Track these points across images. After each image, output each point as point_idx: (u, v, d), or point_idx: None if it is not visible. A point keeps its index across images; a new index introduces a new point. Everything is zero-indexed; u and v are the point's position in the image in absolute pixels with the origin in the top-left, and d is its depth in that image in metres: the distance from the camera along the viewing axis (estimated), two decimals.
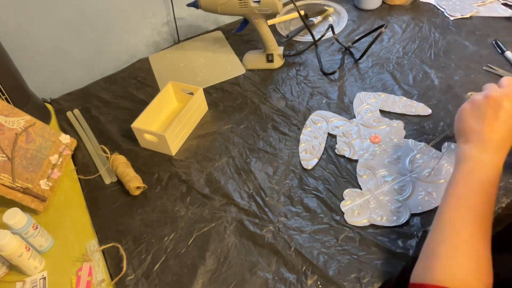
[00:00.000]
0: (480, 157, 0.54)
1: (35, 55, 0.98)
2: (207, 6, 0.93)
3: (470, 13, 1.05)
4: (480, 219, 0.50)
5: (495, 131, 0.54)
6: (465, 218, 0.50)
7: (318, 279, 0.61)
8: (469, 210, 0.51)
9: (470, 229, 0.50)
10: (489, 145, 0.54)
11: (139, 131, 0.82)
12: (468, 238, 0.49)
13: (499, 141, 0.54)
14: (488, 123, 0.54)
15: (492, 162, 0.53)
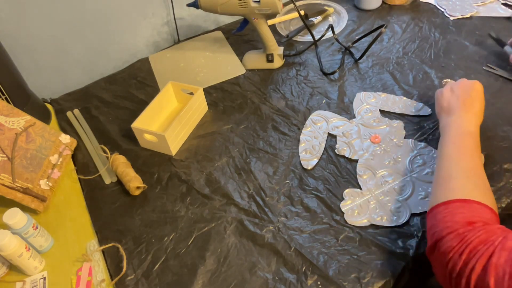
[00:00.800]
0: (462, 121, 0.67)
1: (35, 55, 0.98)
2: (207, 6, 0.93)
3: (470, 13, 1.05)
4: (476, 157, 0.62)
5: (468, 105, 0.69)
6: (465, 153, 0.62)
7: (318, 279, 0.61)
8: (467, 149, 0.63)
9: (471, 161, 0.61)
10: (467, 114, 0.68)
11: (139, 131, 0.82)
12: (473, 166, 0.60)
13: (473, 112, 0.69)
14: (464, 100, 0.70)
15: (470, 121, 0.67)
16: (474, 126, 0.67)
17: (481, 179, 0.59)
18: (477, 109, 0.69)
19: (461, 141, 0.64)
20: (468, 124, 0.67)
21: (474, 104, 0.70)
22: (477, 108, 0.70)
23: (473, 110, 0.69)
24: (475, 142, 0.64)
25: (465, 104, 0.70)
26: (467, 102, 0.70)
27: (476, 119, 0.68)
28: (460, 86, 0.73)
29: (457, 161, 0.61)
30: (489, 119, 0.78)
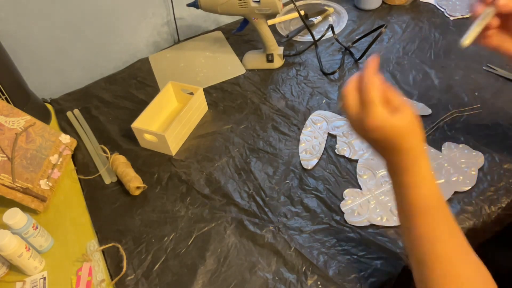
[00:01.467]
0: (405, 188, 0.49)
1: (35, 55, 0.98)
2: (207, 6, 0.93)
3: (470, 13, 1.04)
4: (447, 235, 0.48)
5: (388, 155, 0.49)
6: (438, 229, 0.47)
7: (318, 279, 0.61)
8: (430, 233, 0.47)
9: (450, 240, 0.47)
10: (405, 172, 0.48)
11: (139, 131, 0.82)
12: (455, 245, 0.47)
13: (398, 159, 0.48)
14: (378, 149, 0.50)
15: (411, 182, 0.48)
16: (420, 188, 0.47)
17: (468, 255, 0.47)
18: (390, 154, 0.48)
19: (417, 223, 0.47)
20: (414, 190, 0.47)
21: (386, 151, 0.48)
22: (389, 152, 0.47)
23: (394, 158, 0.47)
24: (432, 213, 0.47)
25: (385, 155, 0.49)
26: (382, 151, 0.49)
27: (414, 168, 0.47)
28: (352, 128, 0.50)
29: (433, 242, 0.46)
30: (490, 118, 0.78)
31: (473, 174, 0.69)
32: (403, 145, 0.46)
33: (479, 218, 0.64)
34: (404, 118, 0.45)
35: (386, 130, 0.45)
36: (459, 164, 0.71)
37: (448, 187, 0.68)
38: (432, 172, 0.48)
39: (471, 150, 0.73)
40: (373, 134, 0.46)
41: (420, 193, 0.47)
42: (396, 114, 0.45)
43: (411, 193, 0.48)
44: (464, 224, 0.63)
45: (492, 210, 0.65)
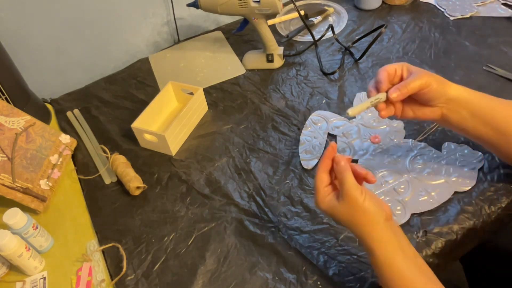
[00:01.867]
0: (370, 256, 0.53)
1: (35, 55, 0.98)
2: (207, 6, 0.93)
3: (470, 13, 1.05)
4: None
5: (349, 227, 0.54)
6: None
7: (318, 279, 0.61)
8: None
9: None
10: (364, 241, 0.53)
11: (139, 131, 0.82)
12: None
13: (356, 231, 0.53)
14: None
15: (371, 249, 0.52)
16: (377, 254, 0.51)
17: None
18: (351, 230, 0.53)
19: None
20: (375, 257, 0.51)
21: (347, 228, 0.54)
22: (350, 229, 0.53)
23: (355, 235, 0.53)
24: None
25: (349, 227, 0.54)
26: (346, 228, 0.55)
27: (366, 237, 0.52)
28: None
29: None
30: None
31: (473, 174, 0.69)
32: (350, 227, 0.53)
33: (479, 218, 0.64)
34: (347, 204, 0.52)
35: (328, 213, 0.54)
36: (459, 164, 0.71)
37: (448, 187, 0.68)
38: (389, 252, 0.51)
39: (471, 150, 0.73)
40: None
41: (383, 274, 0.51)
42: (341, 201, 0.52)
43: (376, 271, 0.53)
44: (464, 224, 0.63)
45: (492, 210, 0.65)
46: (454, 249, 0.64)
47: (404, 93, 0.58)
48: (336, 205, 0.52)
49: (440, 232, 0.63)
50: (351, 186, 0.51)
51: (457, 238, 0.63)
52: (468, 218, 0.64)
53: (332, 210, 0.53)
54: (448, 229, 0.63)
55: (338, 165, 0.53)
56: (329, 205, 0.53)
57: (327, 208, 0.54)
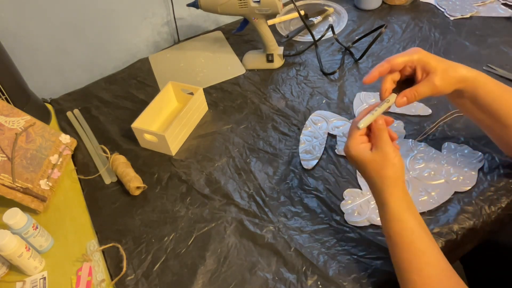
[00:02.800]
0: (381, 210, 0.57)
1: (35, 55, 0.98)
2: (207, 6, 0.93)
3: (470, 13, 1.05)
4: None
5: (368, 181, 0.58)
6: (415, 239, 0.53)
7: (318, 279, 0.61)
8: (411, 232, 0.54)
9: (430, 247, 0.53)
10: (380, 195, 0.56)
11: (139, 131, 0.82)
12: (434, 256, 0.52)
13: (376, 188, 0.56)
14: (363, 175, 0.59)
15: (386, 203, 0.55)
16: (393, 207, 0.54)
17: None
18: (372, 180, 0.57)
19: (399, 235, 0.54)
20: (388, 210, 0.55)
21: (367, 179, 0.58)
22: (371, 180, 0.57)
23: (373, 187, 0.57)
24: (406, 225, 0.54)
25: (367, 181, 0.58)
26: (366, 178, 0.58)
27: (385, 194, 0.55)
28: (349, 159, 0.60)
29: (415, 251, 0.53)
30: None
31: (473, 174, 0.69)
32: (373, 178, 0.56)
33: (479, 218, 0.64)
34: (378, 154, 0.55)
35: (355, 160, 0.57)
36: (459, 164, 0.71)
37: (448, 187, 0.68)
38: (403, 208, 0.54)
39: (471, 150, 0.73)
40: (349, 160, 0.59)
41: (392, 228, 0.54)
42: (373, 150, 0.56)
43: (385, 226, 0.56)
44: (464, 224, 0.63)
45: (492, 210, 0.65)
46: (454, 249, 0.64)
47: (411, 101, 0.58)
48: (368, 154, 0.56)
49: (440, 232, 0.63)
50: (387, 142, 0.55)
51: (457, 238, 0.63)
52: (468, 218, 0.64)
53: (362, 157, 0.56)
54: (448, 229, 0.63)
55: (376, 123, 0.57)
56: (361, 152, 0.56)
57: (357, 154, 0.56)
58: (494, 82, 0.59)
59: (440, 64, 0.58)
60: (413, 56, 0.58)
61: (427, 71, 0.58)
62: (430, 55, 0.58)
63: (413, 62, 0.58)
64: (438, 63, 0.58)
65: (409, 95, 0.58)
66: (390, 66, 0.59)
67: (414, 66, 0.59)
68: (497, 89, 0.59)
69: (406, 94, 0.58)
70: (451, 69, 0.58)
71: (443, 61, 0.59)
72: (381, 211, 0.56)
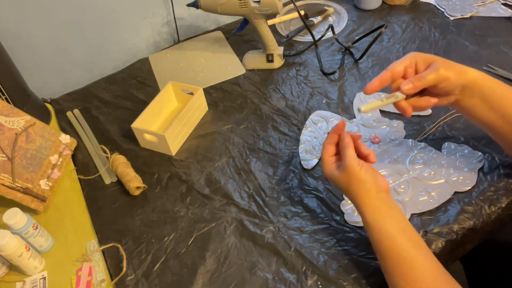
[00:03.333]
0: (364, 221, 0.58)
1: (35, 55, 0.98)
2: (207, 6, 0.93)
3: (470, 13, 1.05)
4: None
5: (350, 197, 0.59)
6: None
7: (318, 279, 0.61)
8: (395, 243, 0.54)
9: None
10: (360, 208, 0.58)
11: (139, 131, 0.82)
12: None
13: (356, 201, 0.58)
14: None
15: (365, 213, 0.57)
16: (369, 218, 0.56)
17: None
18: (347, 196, 0.59)
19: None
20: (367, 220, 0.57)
21: (344, 194, 0.63)
22: (347, 196, 0.60)
23: (351, 201, 0.59)
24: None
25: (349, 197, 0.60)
26: (344, 194, 0.65)
27: (365, 207, 0.57)
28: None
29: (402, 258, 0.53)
30: None
31: (473, 174, 0.69)
32: (347, 193, 0.59)
33: (479, 218, 0.64)
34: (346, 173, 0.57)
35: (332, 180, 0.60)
36: (459, 164, 0.71)
37: (448, 187, 0.68)
38: (380, 217, 0.55)
39: (471, 150, 0.73)
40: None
41: (372, 237, 0.56)
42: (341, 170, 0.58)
43: (368, 235, 0.57)
44: (464, 224, 0.63)
45: (492, 210, 0.65)
46: (454, 249, 0.64)
47: (417, 86, 0.57)
48: (336, 173, 0.58)
49: (440, 232, 0.63)
50: (350, 158, 0.57)
51: (457, 238, 0.63)
52: (468, 218, 0.64)
53: (333, 177, 0.59)
54: (448, 229, 0.63)
55: (342, 141, 0.60)
56: (331, 172, 0.59)
57: (328, 174, 0.60)
58: (497, 81, 0.60)
59: (440, 58, 0.59)
60: (410, 57, 0.59)
61: (428, 62, 0.59)
62: (430, 55, 0.59)
63: (411, 62, 0.59)
64: (437, 57, 0.59)
65: (414, 80, 0.57)
66: (391, 74, 0.59)
67: (414, 65, 0.59)
68: (502, 87, 0.59)
69: (412, 81, 0.57)
70: (451, 63, 0.59)
71: (442, 58, 0.59)
72: (362, 221, 0.58)
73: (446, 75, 0.57)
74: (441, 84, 0.58)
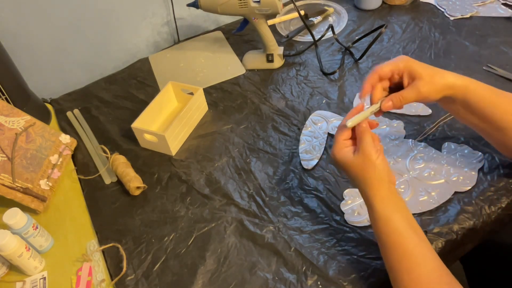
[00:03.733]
0: (372, 212, 0.56)
1: (35, 55, 0.98)
2: (207, 6, 0.93)
3: (470, 13, 1.05)
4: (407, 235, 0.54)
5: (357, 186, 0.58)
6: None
7: (318, 279, 0.61)
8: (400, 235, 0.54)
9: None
10: (369, 200, 0.57)
11: (139, 131, 0.82)
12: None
13: (363, 190, 0.57)
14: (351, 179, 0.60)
15: (376, 206, 0.56)
16: (382, 209, 0.55)
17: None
18: (357, 183, 0.58)
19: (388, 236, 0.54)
20: (378, 212, 0.55)
21: (352, 182, 0.59)
22: (356, 183, 0.58)
23: (360, 190, 0.58)
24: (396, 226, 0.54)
25: (355, 186, 0.59)
26: (352, 182, 0.60)
27: (375, 199, 0.55)
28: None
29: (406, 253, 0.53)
30: None
31: (473, 174, 0.69)
32: (357, 180, 0.57)
33: (479, 218, 0.64)
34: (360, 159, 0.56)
35: (342, 165, 0.58)
36: (459, 164, 0.71)
37: (448, 187, 0.68)
38: (389, 209, 0.54)
39: (471, 150, 0.73)
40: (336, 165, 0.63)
41: (379, 229, 0.55)
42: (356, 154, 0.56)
43: (373, 227, 0.57)
44: (464, 224, 0.63)
45: (492, 210, 0.65)
46: (454, 249, 0.64)
47: (397, 106, 0.59)
48: (350, 157, 0.57)
49: (440, 232, 0.63)
50: (368, 144, 0.56)
51: (457, 238, 0.63)
52: (468, 218, 0.64)
53: (345, 162, 0.57)
54: (448, 229, 0.63)
55: (360, 126, 0.58)
56: (344, 156, 0.57)
57: (340, 157, 0.58)
58: (485, 87, 0.59)
59: (427, 71, 0.58)
60: (399, 64, 0.59)
61: (413, 77, 0.59)
62: (417, 63, 0.59)
63: (399, 70, 0.59)
64: (424, 70, 0.58)
65: (395, 100, 0.59)
66: (378, 76, 0.60)
67: (401, 73, 0.59)
68: (489, 94, 0.59)
69: (392, 98, 0.59)
70: (438, 75, 0.58)
71: (430, 68, 0.59)
72: (369, 212, 0.57)
73: (426, 95, 0.58)
74: (421, 101, 0.60)
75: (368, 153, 0.55)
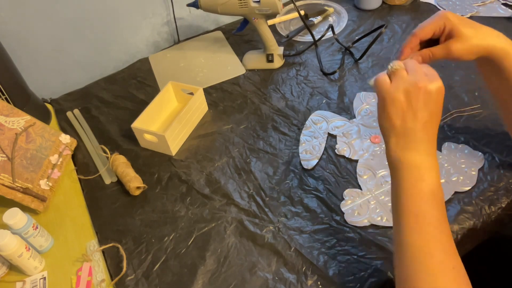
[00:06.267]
0: (422, 164, 0.48)
1: (35, 55, 0.98)
2: (207, 6, 0.93)
3: (470, 13, 1.05)
4: (444, 233, 0.47)
5: (430, 134, 0.48)
6: (432, 238, 0.46)
7: (318, 279, 0.61)
8: (432, 227, 0.46)
9: (439, 247, 0.46)
10: (428, 156, 0.48)
11: (139, 131, 0.82)
12: (442, 257, 0.45)
13: (433, 146, 0.49)
14: (424, 123, 0.48)
15: (434, 165, 0.48)
16: (437, 168, 0.48)
17: (453, 270, 0.46)
18: (435, 136, 0.49)
19: (426, 207, 0.47)
20: (431, 168, 0.48)
21: (434, 131, 0.49)
22: (435, 134, 0.49)
23: (434, 143, 0.49)
24: (442, 198, 0.48)
25: (426, 131, 0.48)
26: (428, 127, 0.48)
27: (434, 152, 0.49)
28: (420, 93, 0.47)
29: (425, 253, 0.46)
30: (490, 118, 0.78)
31: (473, 174, 0.69)
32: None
33: (479, 218, 0.64)
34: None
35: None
36: (459, 164, 0.71)
37: (448, 187, 0.68)
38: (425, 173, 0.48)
39: (471, 150, 0.73)
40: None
41: (400, 201, 0.48)
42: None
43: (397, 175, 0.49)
44: (464, 224, 0.64)
45: (492, 210, 0.65)
46: None
47: (426, 61, 0.56)
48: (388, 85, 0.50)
49: None
50: (401, 78, 0.49)
51: (457, 238, 0.63)
52: (468, 218, 0.64)
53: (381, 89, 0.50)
54: None
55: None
56: (382, 83, 0.50)
57: (377, 84, 0.51)
58: None
59: (468, 30, 0.55)
60: (440, 22, 0.56)
61: (451, 35, 0.56)
62: (459, 20, 0.55)
63: (441, 28, 0.57)
64: (465, 29, 0.55)
65: (424, 55, 0.57)
66: (418, 39, 0.58)
67: (442, 31, 0.57)
68: None
69: (421, 54, 0.57)
70: (479, 37, 0.55)
71: (473, 27, 0.55)
72: (398, 172, 0.48)
73: (457, 56, 0.55)
74: (453, 60, 0.57)
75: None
